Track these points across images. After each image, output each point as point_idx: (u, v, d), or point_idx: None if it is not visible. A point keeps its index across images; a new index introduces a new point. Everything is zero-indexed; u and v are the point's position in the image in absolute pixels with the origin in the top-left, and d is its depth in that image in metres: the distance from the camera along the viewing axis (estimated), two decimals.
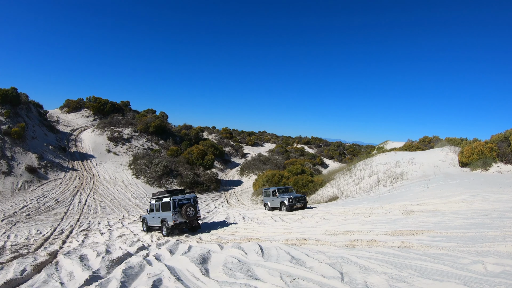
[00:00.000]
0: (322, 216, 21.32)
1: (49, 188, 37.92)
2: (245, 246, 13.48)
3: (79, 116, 74.78)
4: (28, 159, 42.54)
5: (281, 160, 65.26)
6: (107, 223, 26.97)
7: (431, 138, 58.02)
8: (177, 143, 65.16)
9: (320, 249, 11.95)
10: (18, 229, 23.96)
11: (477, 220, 13.22)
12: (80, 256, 13.98)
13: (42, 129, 54.80)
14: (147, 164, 48.85)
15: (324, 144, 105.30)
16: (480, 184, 22.85)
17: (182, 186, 45.16)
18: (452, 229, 12.29)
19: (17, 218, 27.43)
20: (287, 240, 14.19)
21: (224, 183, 53.84)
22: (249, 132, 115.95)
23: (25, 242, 20.11)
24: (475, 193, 19.93)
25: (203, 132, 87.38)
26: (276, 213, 26.30)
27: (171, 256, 13.33)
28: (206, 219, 26.66)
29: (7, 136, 44.47)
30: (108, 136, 58.68)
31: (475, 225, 12.46)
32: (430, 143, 53.78)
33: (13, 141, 44.39)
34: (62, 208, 31.59)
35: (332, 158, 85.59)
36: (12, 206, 31.11)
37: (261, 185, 41.55)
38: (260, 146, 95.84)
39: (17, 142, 44.71)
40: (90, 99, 78.97)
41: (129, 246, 16.38)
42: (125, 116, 71.32)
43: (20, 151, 43.32)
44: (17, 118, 50.38)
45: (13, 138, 44.61)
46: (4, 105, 50.45)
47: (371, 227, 14.76)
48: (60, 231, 23.67)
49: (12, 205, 31.29)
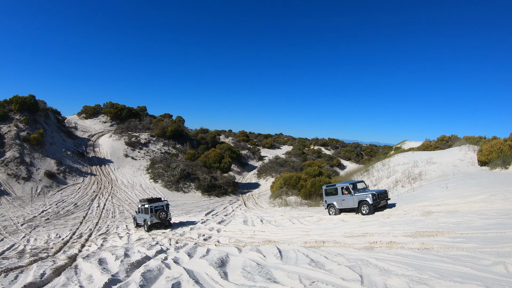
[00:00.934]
0: (341, 218, 20.99)
1: (68, 193, 38.16)
2: (264, 249, 13.24)
3: (97, 122, 75.42)
4: (47, 164, 42.91)
5: (298, 162, 64.71)
6: (126, 227, 26.95)
7: (449, 137, 57.07)
8: (194, 147, 65.21)
9: (339, 251, 11.73)
10: (38, 233, 24.05)
11: (497, 220, 12.84)
12: (99, 259, 13.85)
13: (60, 135, 55.35)
14: (165, 168, 48.88)
15: (341, 145, 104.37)
16: (500, 183, 22.20)
17: (200, 190, 45.16)
18: (472, 229, 12.00)
19: (37, 222, 27.60)
20: (306, 243, 13.91)
21: (241, 186, 53.62)
22: (266, 135, 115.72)
23: (45, 246, 20.11)
24: (495, 192, 19.34)
25: (219, 136, 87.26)
26: (294, 215, 25.72)
27: (190, 259, 13.11)
28: (224, 222, 26.38)
29: (26, 142, 45.01)
30: (125, 141, 58.97)
31: (496, 225, 12.12)
32: (448, 142, 52.86)
33: (32, 147, 44.90)
34: (81, 212, 31.70)
35: (349, 159, 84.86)
36: (32, 210, 31.38)
37: (278, 187, 41.16)
38: (277, 149, 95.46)
39: (36, 148, 45.20)
40: (107, 105, 79.59)
41: (148, 250, 16.21)
42: (142, 121, 71.71)
43: (39, 157, 43.75)
44: (35, 124, 51.00)
45: (32, 144, 45.12)
46: (22, 112, 51.16)
47: (390, 229, 14.42)
48: (79, 235, 23.68)
49: (32, 210, 31.55)
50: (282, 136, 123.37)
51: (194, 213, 33.16)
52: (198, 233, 21.56)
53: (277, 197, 38.75)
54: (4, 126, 47.18)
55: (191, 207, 37.34)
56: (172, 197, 41.72)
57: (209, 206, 37.52)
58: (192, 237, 20.33)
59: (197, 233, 21.60)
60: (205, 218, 28.83)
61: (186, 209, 36.10)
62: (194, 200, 42.11)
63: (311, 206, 33.01)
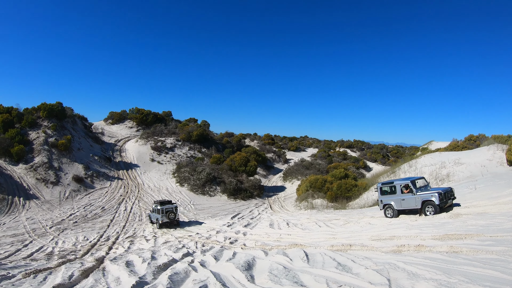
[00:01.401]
0: (368, 221, 20.53)
1: (95, 197, 38.58)
2: (290, 252, 12.98)
3: (123, 127, 76.31)
4: (75, 169, 43.52)
5: (323, 164, 64.11)
6: (152, 230, 26.99)
7: (477, 136, 55.83)
8: (219, 151, 65.27)
9: (366, 255, 11.46)
10: (66, 235, 24.26)
11: None
12: (126, 262, 13.76)
13: (88, 140, 56.13)
14: (191, 172, 48.97)
15: (366, 147, 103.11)
16: None
17: (226, 193, 45.04)
18: (502, 232, 11.65)
19: (65, 225, 27.91)
20: (332, 246, 13.63)
21: (267, 189, 53.31)
22: (291, 138, 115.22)
23: (73, 248, 20.23)
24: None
25: (245, 139, 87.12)
26: (321, 218, 25.29)
27: (216, 262, 12.92)
28: (250, 225, 26.15)
29: (54, 148, 45.78)
30: (151, 145, 59.42)
31: None
32: (475, 142, 51.63)
33: (60, 152, 45.63)
34: (108, 216, 31.95)
35: (375, 161, 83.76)
36: (60, 214, 31.80)
37: (304, 190, 40.78)
38: (302, 151, 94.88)
39: (64, 153, 45.91)
40: (133, 110, 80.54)
41: (174, 253, 16.08)
42: (167, 126, 72.21)
43: (67, 162, 44.41)
44: (63, 131, 51.88)
45: (60, 150, 45.88)
46: (50, 119, 52.10)
47: (418, 232, 14.04)
48: (106, 237, 23.79)
49: (60, 213, 31.98)
50: (307, 138, 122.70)
51: (220, 216, 33.06)
52: (224, 236, 21.42)
53: (303, 200, 38.38)
54: (32, 132, 48.13)
55: (217, 210, 37.28)
56: (198, 201, 41.72)
57: (235, 210, 37.40)
58: (218, 240, 20.19)
59: (223, 236, 21.46)
60: (231, 222, 28.69)
61: (212, 212, 36.05)
62: (220, 203, 42.02)
63: (337, 209, 32.58)
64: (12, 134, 44.63)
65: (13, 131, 45.38)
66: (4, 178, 36.95)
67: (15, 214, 31.32)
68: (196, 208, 37.97)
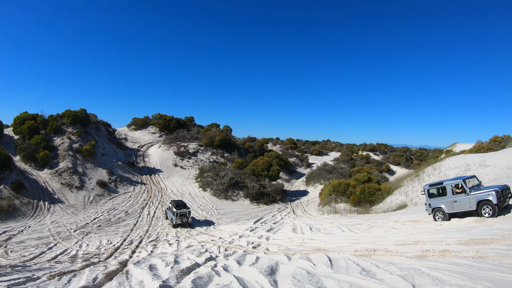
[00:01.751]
0: (391, 226, 20.05)
1: (119, 201, 38.87)
2: (313, 257, 12.71)
3: (146, 133, 76.94)
4: (99, 174, 43.94)
5: (346, 168, 63.45)
6: (175, 234, 26.96)
7: (502, 137, 54.66)
8: (242, 156, 65.19)
9: (391, 260, 11.15)
10: (90, 239, 24.38)
11: None
12: (150, 265, 13.64)
13: (111, 146, 56.71)
14: (213, 177, 48.94)
15: (389, 150, 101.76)
16: None
17: (249, 198, 44.82)
18: None
19: (89, 229, 28.09)
20: (356, 251, 13.31)
21: (290, 193, 52.94)
22: (313, 142, 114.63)
23: (96, 251, 20.27)
24: None
25: (267, 144, 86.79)
26: (344, 223, 24.81)
27: (239, 267, 12.70)
28: (273, 230, 25.88)
29: (78, 153, 46.39)
30: (174, 151, 59.70)
31: None
32: (501, 143, 50.52)
33: (84, 158, 46.20)
34: (131, 220, 32.07)
35: (398, 164, 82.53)
36: (84, 217, 32.08)
37: (327, 194, 40.34)
38: (325, 155, 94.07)
39: (88, 159, 46.45)
40: (155, 116, 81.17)
41: (197, 257, 15.91)
42: (190, 131, 72.43)
43: (91, 167, 44.91)
44: (87, 137, 52.59)
45: (84, 155, 46.45)
46: (74, 125, 52.92)
47: (443, 236, 13.62)
48: (129, 241, 23.81)
49: (84, 217, 32.27)
50: (330, 142, 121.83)
51: (243, 221, 32.88)
52: (247, 241, 21.20)
53: (326, 205, 37.96)
54: (57, 138, 48.85)
55: (240, 215, 37.11)
56: (220, 205, 41.62)
57: (257, 214, 37.18)
58: (241, 244, 19.99)
59: (246, 241, 21.25)
60: (253, 226, 28.47)
61: (235, 217, 35.90)
62: (243, 208, 41.84)
63: (360, 213, 32.09)
64: (38, 140, 45.36)
65: (38, 137, 46.12)
66: (29, 182, 37.56)
67: (40, 218, 31.75)
68: (218, 212, 37.87)
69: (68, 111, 54.10)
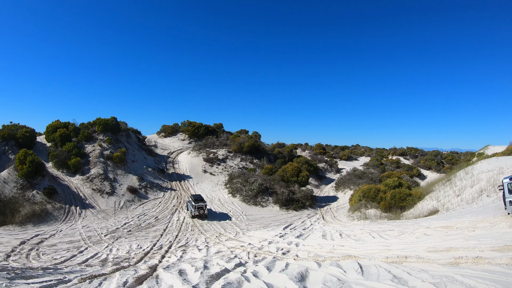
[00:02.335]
0: (423, 232, 19.43)
1: (149, 207, 39.16)
2: (344, 264, 12.34)
3: (175, 139, 77.64)
4: (129, 180, 44.43)
5: (376, 173, 62.41)
6: (204, 240, 26.83)
7: None
8: (271, 162, 64.96)
9: (423, 267, 10.68)
10: (120, 243, 24.49)
11: None
12: (179, 270, 13.51)
13: (142, 153, 57.33)
14: (243, 183, 48.84)
15: (420, 154, 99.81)
16: None
17: (278, 204, 44.48)
18: None
19: (119, 233, 28.27)
20: (387, 258, 12.87)
21: (319, 199, 52.35)
22: (343, 147, 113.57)
23: (126, 255, 20.28)
24: None
25: (296, 149, 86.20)
26: (374, 229, 24.28)
27: (269, 273, 12.44)
28: (302, 236, 25.51)
29: (109, 160, 47.08)
30: (203, 157, 59.96)
31: None
32: None
33: (115, 164, 46.83)
34: (161, 225, 32.17)
35: (429, 169, 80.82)
36: (115, 222, 32.42)
37: (357, 200, 39.69)
38: (354, 160, 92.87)
39: (119, 165, 47.06)
40: (184, 123, 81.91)
41: (227, 262, 15.71)
42: (219, 138, 72.74)
43: (122, 173, 45.47)
44: (118, 144, 53.38)
45: (115, 162, 47.10)
46: (105, 133, 53.85)
47: (476, 243, 13.04)
48: (159, 246, 23.79)
49: (115, 222, 32.61)
50: (359, 147, 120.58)
51: (272, 227, 32.56)
52: (276, 247, 20.90)
53: (356, 210, 37.34)
54: (89, 145, 49.77)
55: (269, 221, 36.82)
56: (250, 211, 41.42)
57: (287, 220, 36.80)
58: (270, 251, 19.69)
59: (275, 247, 20.94)
60: (283, 232, 28.11)
61: (264, 223, 35.62)
62: (272, 214, 41.54)
63: (391, 219, 31.38)
64: (69, 148, 46.28)
65: (70, 144, 47.07)
66: (61, 188, 38.27)
67: (71, 222, 32.30)
68: (248, 218, 37.68)
69: (99, 119, 55.09)
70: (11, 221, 31.11)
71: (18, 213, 31.86)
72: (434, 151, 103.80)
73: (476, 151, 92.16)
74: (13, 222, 31.06)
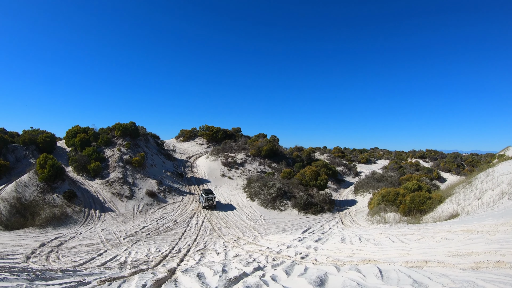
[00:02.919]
0: (443, 236, 19.08)
1: (167, 211, 39.34)
2: (363, 268, 12.15)
3: (194, 144, 78.01)
4: (148, 184, 44.75)
5: (395, 176, 61.60)
6: (223, 244, 26.78)
7: None
8: (289, 165, 64.76)
9: (443, 271, 10.44)
10: (139, 246, 24.57)
11: None
12: (198, 274, 13.47)
13: (160, 157, 57.78)
14: (261, 187, 48.76)
15: (440, 156, 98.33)
16: None
17: (296, 208, 44.28)
18: None
19: (138, 237, 28.40)
20: (407, 262, 12.65)
21: (338, 203, 51.92)
22: (361, 150, 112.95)
23: (145, 258, 20.34)
24: None
25: (314, 153, 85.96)
26: (394, 233, 23.98)
27: (287, 277, 12.31)
28: (321, 240, 25.30)
29: (128, 164, 47.50)
30: (222, 161, 60.10)
31: None
32: None
33: (134, 169, 47.25)
34: (180, 229, 32.24)
35: (449, 171, 79.65)
36: (134, 226, 32.59)
37: (376, 204, 39.23)
38: (373, 163, 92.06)
39: (138, 169, 47.47)
40: (202, 128, 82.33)
41: (245, 266, 15.63)
42: (237, 142, 72.83)
43: (141, 177, 45.84)
44: (137, 148, 53.93)
45: (134, 166, 47.53)
46: (124, 137, 54.48)
47: (497, 247, 12.73)
48: (178, 250, 23.82)
49: (134, 225, 32.79)
50: (378, 150, 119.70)
51: (291, 231, 32.37)
52: (295, 251, 20.74)
53: (375, 214, 36.92)
54: (108, 150, 50.35)
55: (288, 225, 36.63)
56: (268, 215, 41.28)
57: (305, 224, 36.59)
58: (289, 255, 19.55)
59: (294, 251, 20.78)
60: (301, 236, 27.93)
61: (283, 227, 35.45)
62: (291, 218, 41.34)
63: (410, 223, 30.94)
64: (89, 152, 46.86)
65: (90, 149, 47.67)
66: (81, 192, 38.72)
67: (91, 225, 32.60)
68: (266, 222, 37.53)
69: (118, 124, 55.74)
70: (32, 224, 31.66)
71: (39, 216, 32.37)
72: (453, 153, 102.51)
73: (497, 152, 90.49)
74: (33, 224, 31.59)
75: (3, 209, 32.64)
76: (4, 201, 33.65)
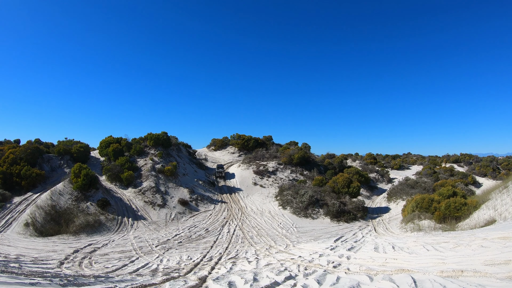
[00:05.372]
0: (480, 244, 18.38)
1: (199, 219, 39.53)
2: (397, 278, 11.78)
3: (225, 153, 78.43)
4: (180, 193, 45.17)
5: (429, 182, 60.04)
6: (254, 252, 26.59)
7: None
8: (321, 173, 64.23)
9: (480, 281, 10.00)
10: (170, 254, 24.66)
11: None
12: (229, 282, 13.36)
13: (192, 166, 58.30)
14: (293, 195, 48.45)
15: (474, 160, 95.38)
16: None
17: (329, 216, 43.78)
18: None
19: (170, 245, 28.55)
20: (442, 272, 12.19)
21: (371, 210, 51.05)
22: (394, 156, 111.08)
23: (176, 266, 20.36)
24: None
25: (346, 160, 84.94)
26: (428, 241, 23.33)
27: (319, 286, 12.04)
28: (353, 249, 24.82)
29: (161, 173, 48.14)
30: (253, 170, 60.11)
31: None
32: None
33: (167, 178, 47.78)
34: (211, 237, 32.25)
35: (485, 176, 77.18)
36: (166, 234, 32.84)
37: (410, 211, 38.27)
38: (406, 169, 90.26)
39: (170, 178, 47.97)
40: (234, 136, 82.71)
41: (276, 275, 15.41)
42: (268, 150, 72.81)
43: (173, 186, 46.34)
44: (169, 158, 54.66)
45: (166, 176, 48.10)
46: (157, 147, 55.39)
47: None
48: (209, 258, 23.76)
49: (166, 233, 33.05)
50: (411, 155, 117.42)
51: (323, 239, 31.92)
52: (327, 260, 20.37)
53: (409, 222, 36.04)
54: (140, 159, 51.15)
55: (320, 233, 36.18)
56: (300, 224, 40.92)
57: (338, 232, 36.04)
58: (321, 264, 19.22)
59: (326, 259, 20.42)
60: (334, 245, 27.44)
61: (315, 235, 35.03)
62: (323, 226, 40.86)
63: (445, 230, 30.02)
64: (122, 162, 47.68)
65: (123, 158, 48.50)
66: (115, 200, 39.37)
67: (123, 233, 33.11)
68: (298, 231, 37.18)
69: (150, 134, 56.71)
70: (66, 231, 32.45)
71: (73, 223, 33.14)
72: (489, 157, 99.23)
73: None
74: (67, 231, 32.37)
75: (38, 216, 33.51)
76: (39, 209, 34.58)
